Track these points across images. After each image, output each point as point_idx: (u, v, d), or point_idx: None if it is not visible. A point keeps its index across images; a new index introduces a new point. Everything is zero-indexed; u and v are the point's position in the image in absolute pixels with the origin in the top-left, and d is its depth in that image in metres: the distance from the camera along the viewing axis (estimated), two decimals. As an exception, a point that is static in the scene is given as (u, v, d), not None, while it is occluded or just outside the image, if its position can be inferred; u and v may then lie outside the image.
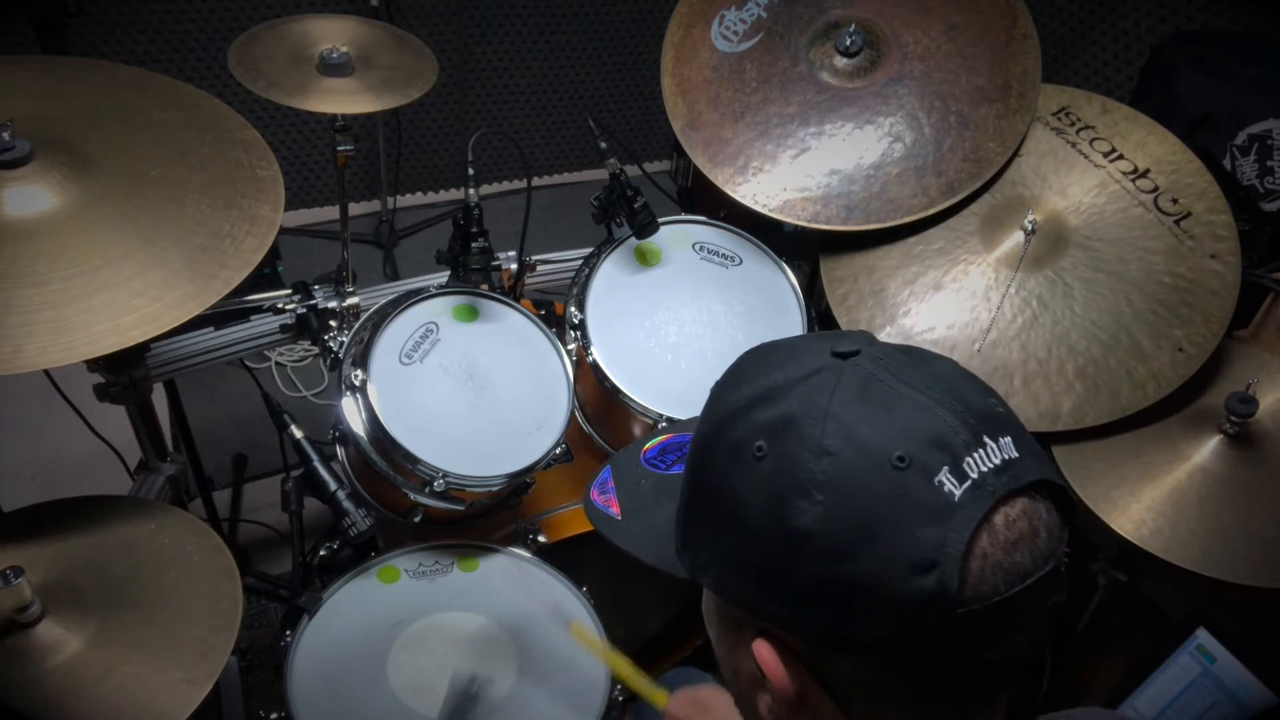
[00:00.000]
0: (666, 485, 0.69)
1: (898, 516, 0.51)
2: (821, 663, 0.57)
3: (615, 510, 0.72)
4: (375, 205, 3.18)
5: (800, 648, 0.57)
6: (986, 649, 0.53)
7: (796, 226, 1.55)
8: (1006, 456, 0.54)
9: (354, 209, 3.16)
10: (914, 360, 0.58)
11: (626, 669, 1.11)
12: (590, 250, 1.63)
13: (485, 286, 1.51)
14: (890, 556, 0.51)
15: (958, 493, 0.52)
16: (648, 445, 0.77)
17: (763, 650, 0.58)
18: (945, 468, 0.52)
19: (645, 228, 1.53)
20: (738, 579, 0.58)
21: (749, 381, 0.59)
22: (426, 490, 1.32)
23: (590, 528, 0.80)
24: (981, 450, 0.53)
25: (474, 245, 1.45)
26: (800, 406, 0.55)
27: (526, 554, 1.45)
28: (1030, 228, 1.44)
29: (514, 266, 1.69)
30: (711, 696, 1.01)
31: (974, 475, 0.52)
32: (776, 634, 0.58)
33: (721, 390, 0.62)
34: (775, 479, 0.54)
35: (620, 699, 1.28)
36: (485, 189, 1.73)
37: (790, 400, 0.56)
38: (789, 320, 1.59)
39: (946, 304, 1.48)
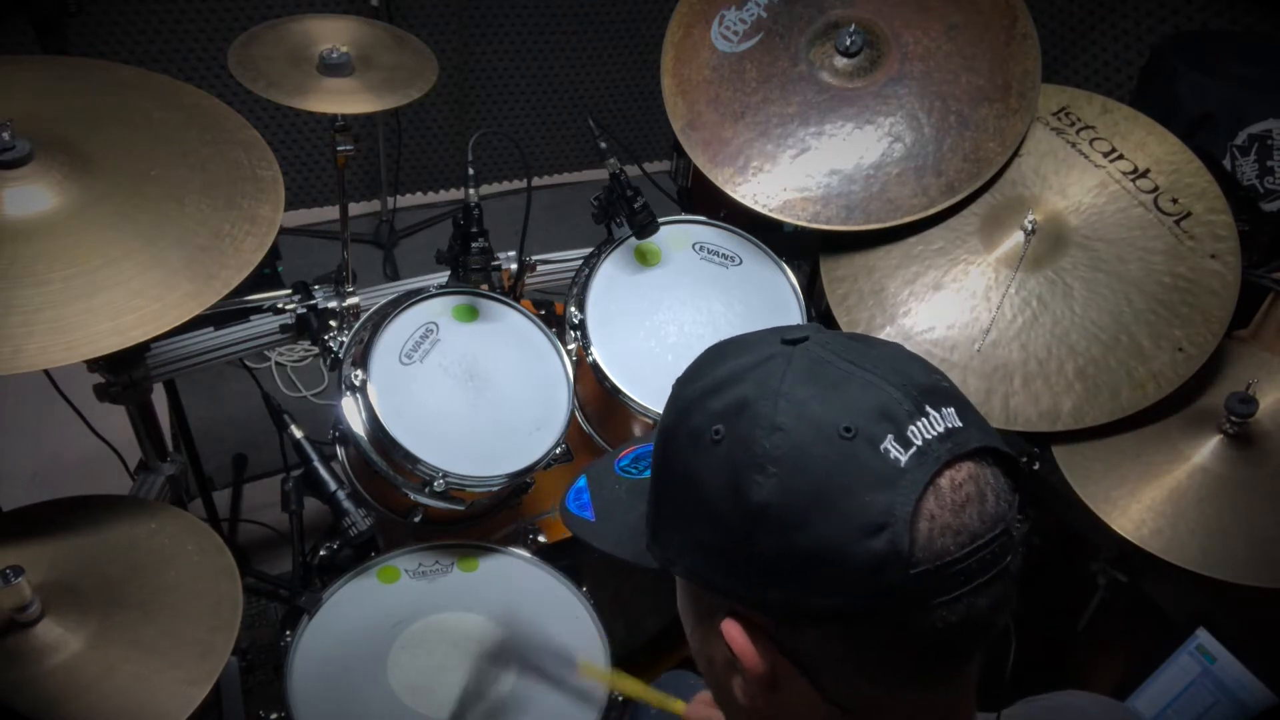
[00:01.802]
0: (638, 488, 0.71)
1: (847, 483, 0.54)
2: (789, 637, 0.59)
3: (590, 514, 0.74)
4: (375, 205, 3.18)
5: (767, 624, 0.59)
6: (943, 611, 0.55)
7: (796, 226, 1.55)
8: (950, 425, 0.56)
9: (354, 209, 3.16)
10: (860, 343, 0.61)
11: (638, 688, 1.12)
12: (590, 250, 1.63)
13: (485, 286, 1.51)
14: (843, 522, 0.54)
15: (903, 459, 0.54)
16: (621, 453, 0.79)
17: (731, 629, 0.59)
18: (890, 436, 0.55)
19: (645, 228, 1.53)
20: (705, 561, 0.60)
21: (706, 374, 0.63)
22: (426, 490, 1.32)
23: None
24: (925, 419, 0.56)
25: (474, 245, 1.45)
26: (753, 390, 0.58)
27: (526, 554, 1.45)
28: (1030, 228, 1.44)
29: (514, 266, 1.69)
30: None
31: (918, 442, 0.55)
32: (744, 613, 0.59)
33: (681, 384, 0.65)
34: (732, 458, 0.57)
35: (620, 699, 1.28)
36: (485, 189, 1.73)
37: (744, 385, 0.59)
38: (789, 320, 1.59)
39: (946, 304, 1.48)
